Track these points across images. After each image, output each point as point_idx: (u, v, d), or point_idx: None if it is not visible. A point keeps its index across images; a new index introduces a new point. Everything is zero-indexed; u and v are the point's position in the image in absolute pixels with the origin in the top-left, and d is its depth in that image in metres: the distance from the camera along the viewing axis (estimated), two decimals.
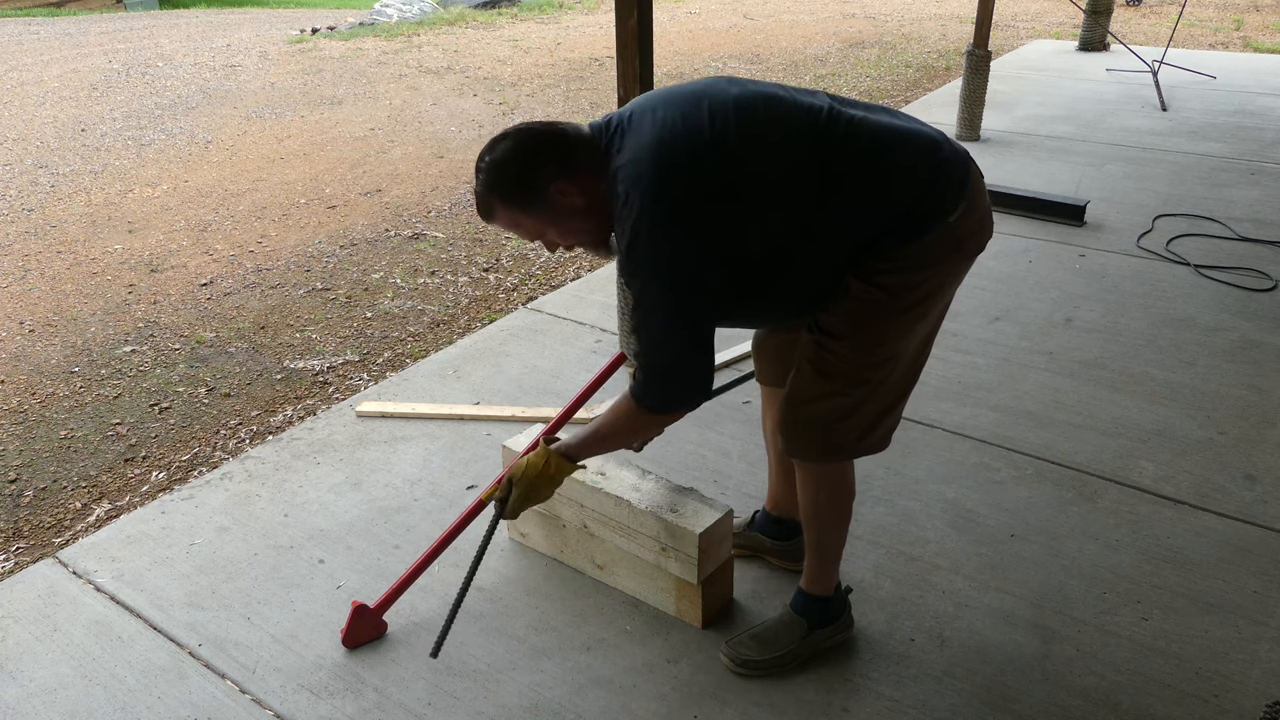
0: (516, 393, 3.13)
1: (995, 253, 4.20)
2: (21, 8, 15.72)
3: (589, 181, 1.66)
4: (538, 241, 1.74)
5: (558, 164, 1.64)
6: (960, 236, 1.69)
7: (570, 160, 1.65)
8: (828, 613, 2.04)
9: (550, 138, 1.66)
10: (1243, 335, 3.44)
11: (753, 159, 1.61)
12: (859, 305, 1.69)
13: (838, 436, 1.81)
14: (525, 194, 1.65)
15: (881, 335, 1.72)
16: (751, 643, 2.03)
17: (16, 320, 4.02)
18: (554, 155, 1.65)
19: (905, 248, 1.65)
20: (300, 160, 6.31)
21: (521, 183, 1.65)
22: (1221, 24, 10.85)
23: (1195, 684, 1.99)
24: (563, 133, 1.67)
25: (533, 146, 1.66)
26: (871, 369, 1.75)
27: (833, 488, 1.91)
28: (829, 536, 1.97)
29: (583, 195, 1.66)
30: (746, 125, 1.62)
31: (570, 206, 1.67)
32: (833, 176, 1.64)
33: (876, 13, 12.30)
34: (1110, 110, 6.65)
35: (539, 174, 1.64)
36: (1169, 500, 2.56)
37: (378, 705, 1.95)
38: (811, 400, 1.79)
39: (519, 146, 1.66)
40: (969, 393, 3.08)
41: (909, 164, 1.66)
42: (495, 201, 1.67)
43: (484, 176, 1.67)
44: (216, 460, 2.99)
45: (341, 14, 14.21)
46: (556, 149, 1.65)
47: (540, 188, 1.64)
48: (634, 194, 1.58)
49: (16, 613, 2.22)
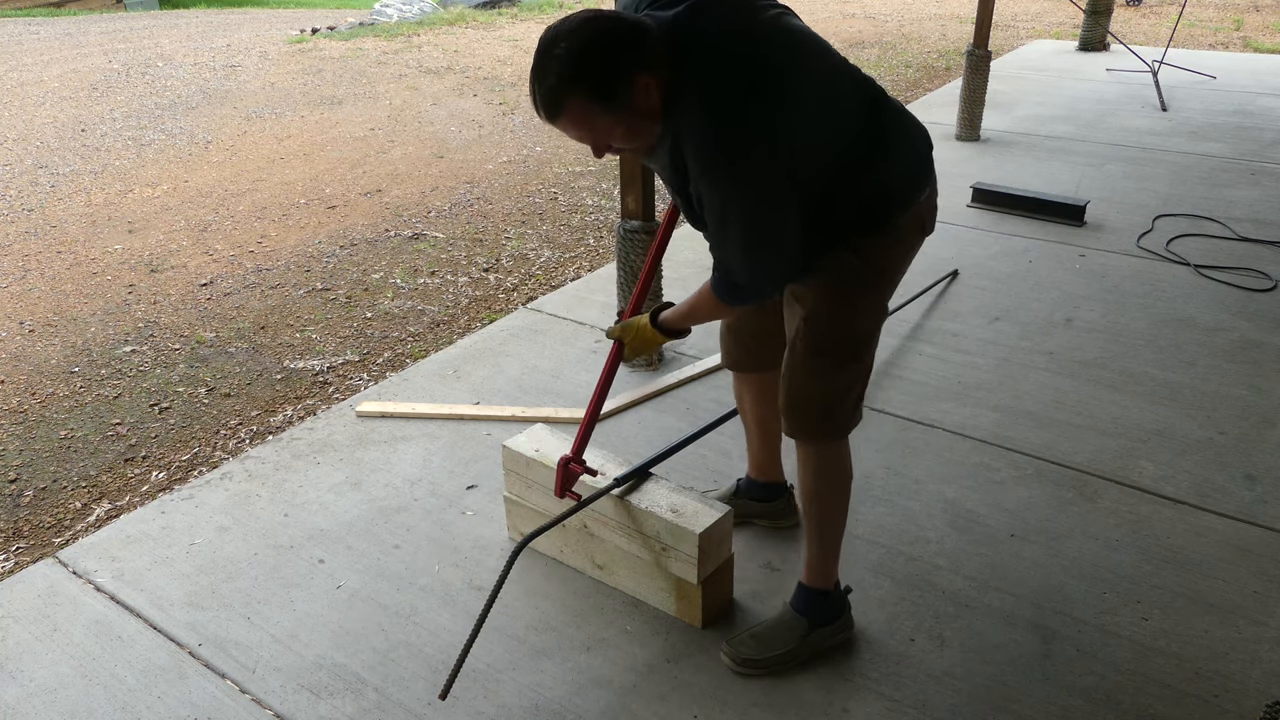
0: (516, 393, 3.13)
1: (995, 253, 4.21)
2: (21, 8, 15.72)
3: (664, 79, 1.55)
4: (589, 144, 1.62)
5: (642, 55, 1.52)
6: (923, 216, 1.81)
7: (653, 53, 1.53)
8: (828, 611, 2.05)
9: (632, 27, 1.54)
10: (1243, 335, 3.44)
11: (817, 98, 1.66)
12: (843, 276, 1.76)
13: (840, 412, 1.89)
14: (609, 87, 1.51)
15: (867, 307, 1.82)
16: (751, 641, 2.03)
17: (16, 320, 4.02)
18: (638, 45, 1.52)
19: (889, 220, 1.75)
20: (300, 160, 6.31)
21: (605, 74, 1.50)
22: (1221, 24, 10.85)
23: (1195, 684, 1.99)
24: (643, 24, 1.55)
25: (617, 33, 1.52)
26: (861, 342, 1.84)
27: (833, 467, 1.96)
28: (830, 520, 1.99)
29: (659, 93, 1.55)
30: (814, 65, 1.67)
31: (650, 105, 1.55)
32: (872, 143, 1.72)
33: (876, 13, 12.30)
34: (1110, 110, 6.65)
35: (623, 65, 1.51)
36: (1169, 500, 2.56)
37: (378, 705, 1.95)
38: (811, 377, 1.85)
39: (601, 32, 1.51)
40: (969, 393, 3.08)
41: (915, 140, 1.79)
42: (574, 95, 1.51)
43: (559, 65, 1.50)
44: (216, 460, 2.99)
45: (341, 14, 14.21)
46: (639, 38, 1.53)
47: (625, 81, 1.51)
48: (709, 111, 1.53)
49: (16, 613, 2.22)
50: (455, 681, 1.85)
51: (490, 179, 5.91)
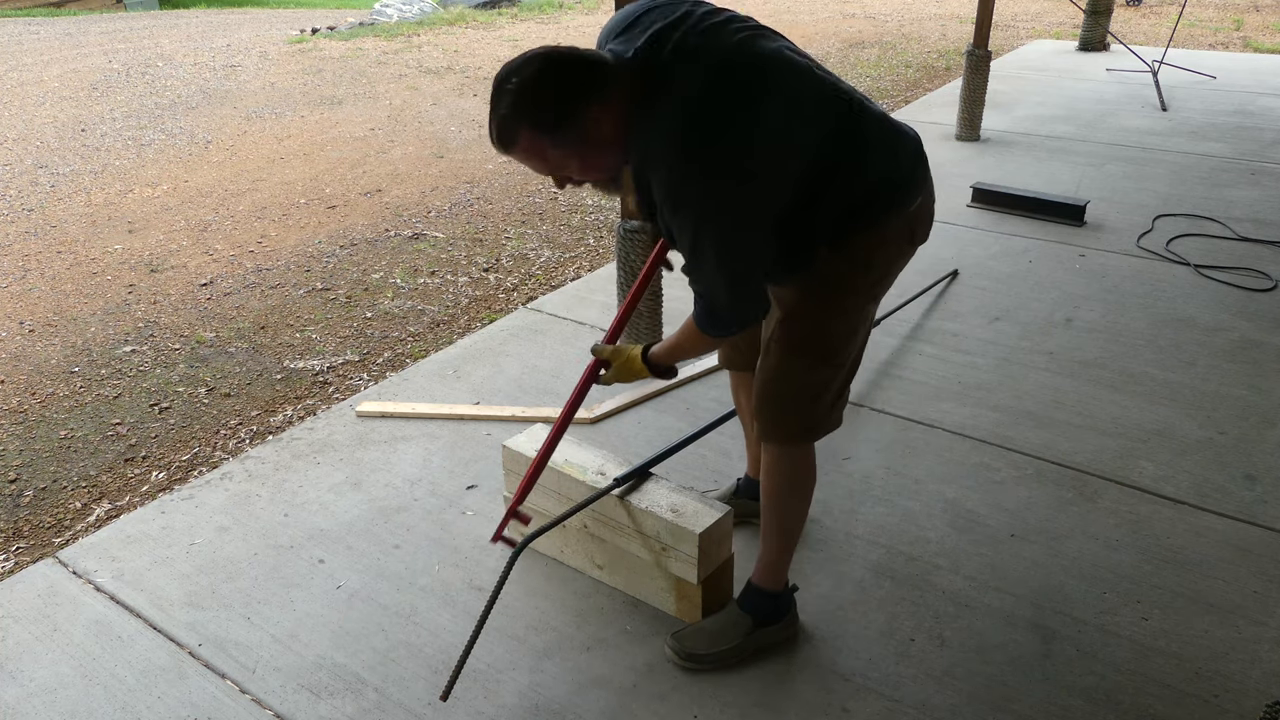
0: (516, 393, 3.13)
1: (995, 253, 4.21)
2: (21, 8, 15.73)
3: (622, 110, 1.56)
4: (547, 177, 1.63)
5: (595, 88, 1.53)
6: (914, 225, 1.79)
7: (606, 86, 1.54)
8: (774, 610, 2.06)
9: (585, 61, 1.55)
10: (1243, 335, 3.44)
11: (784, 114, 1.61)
12: (824, 277, 1.74)
13: (811, 414, 1.87)
14: (558, 120, 1.52)
15: (843, 308, 1.79)
16: (697, 637, 2.04)
17: (16, 320, 4.02)
18: (591, 78, 1.53)
19: (874, 224, 1.72)
20: (300, 160, 6.31)
21: (556, 107, 1.52)
22: (1221, 24, 10.85)
23: (1195, 684, 1.99)
24: (599, 58, 1.57)
25: (569, 66, 1.53)
26: (840, 346, 1.82)
27: (799, 473, 1.96)
28: (790, 521, 1.99)
29: (614, 125, 1.56)
30: (780, 82, 1.62)
31: (601, 137, 1.56)
32: (849, 146, 1.68)
33: (876, 13, 12.30)
34: (1110, 110, 6.65)
35: (575, 98, 1.52)
36: (1169, 500, 2.56)
37: (378, 705, 1.95)
38: (784, 378, 1.84)
39: (553, 66, 1.53)
40: (969, 393, 3.08)
41: (901, 145, 1.76)
42: (522, 127, 1.52)
43: (511, 99, 1.51)
44: (216, 460, 2.99)
45: (341, 14, 14.21)
46: (593, 71, 1.54)
47: (576, 113, 1.53)
48: (671, 139, 1.53)
49: (16, 613, 2.22)
50: (456, 683, 1.86)
51: (490, 179, 5.91)
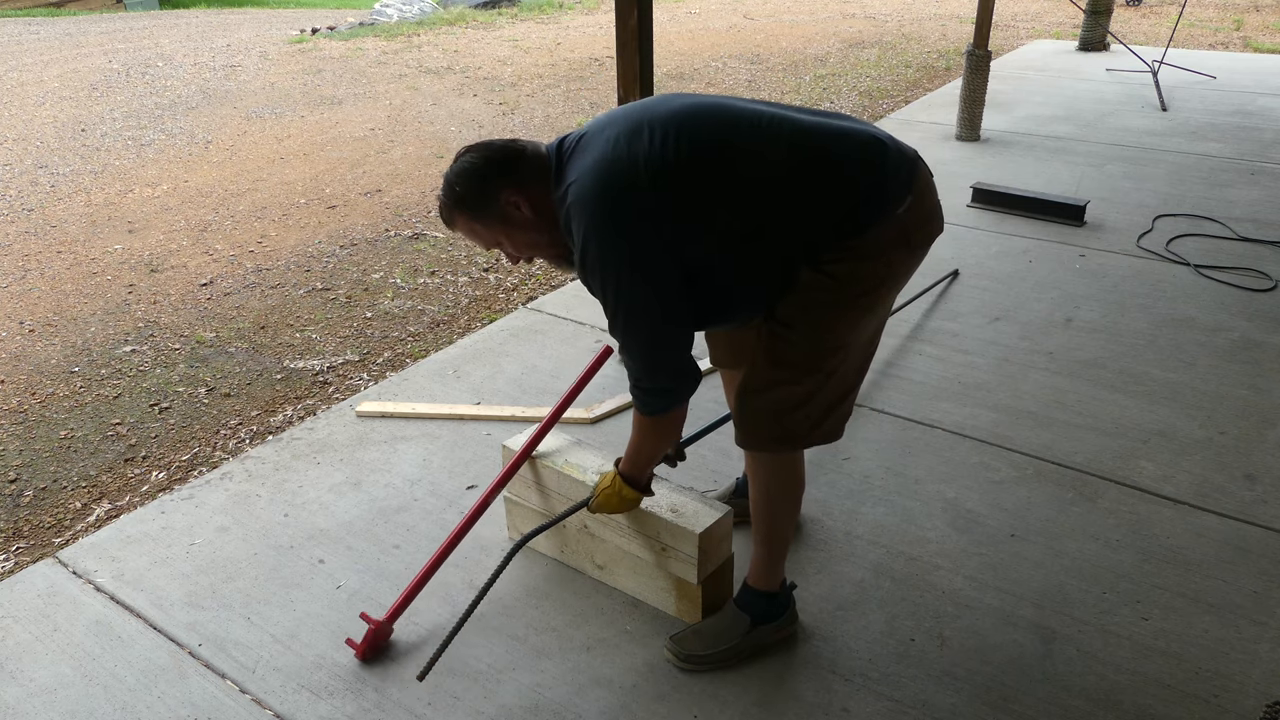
0: (516, 393, 3.13)
1: (995, 253, 4.21)
2: (21, 8, 15.72)
3: (539, 194, 1.75)
4: (496, 251, 1.83)
5: (509, 175, 1.75)
6: (908, 229, 1.75)
7: (519, 172, 1.75)
8: (772, 609, 2.06)
9: (504, 151, 1.77)
10: (1243, 335, 3.45)
11: (696, 169, 1.67)
12: (810, 294, 1.74)
13: (790, 425, 1.85)
14: (479, 202, 1.76)
15: (832, 324, 1.77)
16: (695, 638, 2.05)
17: (16, 320, 4.02)
18: (506, 167, 1.75)
19: (854, 239, 1.70)
20: (300, 160, 6.31)
21: (474, 191, 1.75)
22: (1221, 24, 10.85)
23: (1195, 684, 1.99)
24: (518, 148, 1.78)
25: (487, 158, 1.77)
26: (822, 358, 1.80)
27: (784, 478, 1.95)
28: (779, 528, 1.99)
29: (532, 207, 1.75)
30: (690, 137, 1.68)
31: (521, 218, 1.76)
32: (776, 178, 1.69)
33: (876, 13, 12.30)
34: (1110, 110, 6.65)
35: (491, 183, 1.75)
36: (1169, 500, 2.56)
37: (378, 705, 1.95)
38: (764, 389, 1.83)
39: (476, 158, 1.77)
40: (969, 393, 3.08)
41: (851, 160, 1.72)
42: (456, 212, 1.79)
43: (445, 187, 1.79)
44: (216, 460, 2.99)
45: (341, 14, 14.22)
46: (508, 161, 1.76)
47: (491, 197, 1.75)
48: (579, 211, 1.67)
49: (16, 613, 2.22)
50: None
51: None
